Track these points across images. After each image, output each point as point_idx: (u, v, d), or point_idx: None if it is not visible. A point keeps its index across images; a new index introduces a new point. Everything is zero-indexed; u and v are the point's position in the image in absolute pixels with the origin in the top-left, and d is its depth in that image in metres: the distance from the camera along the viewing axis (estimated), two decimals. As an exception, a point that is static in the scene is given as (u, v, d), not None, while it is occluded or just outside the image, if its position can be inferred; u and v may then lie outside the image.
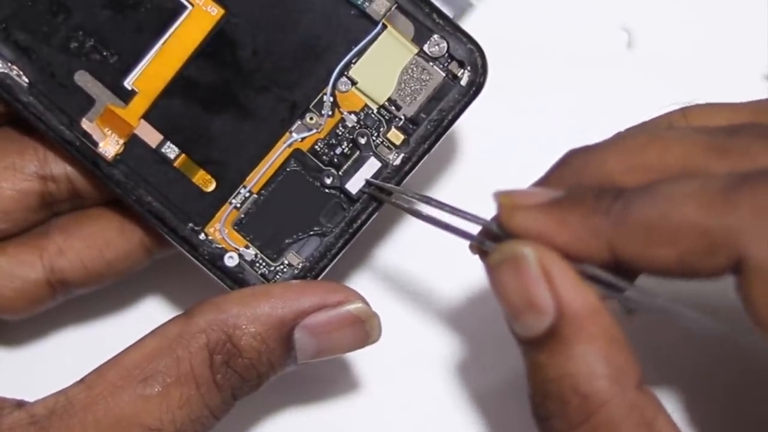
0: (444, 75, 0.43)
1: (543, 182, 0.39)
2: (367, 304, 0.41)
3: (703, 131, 0.37)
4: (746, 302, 0.34)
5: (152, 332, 0.40)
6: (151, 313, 0.48)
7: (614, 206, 0.36)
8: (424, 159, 0.43)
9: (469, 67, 0.43)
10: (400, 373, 0.48)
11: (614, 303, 0.36)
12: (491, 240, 0.38)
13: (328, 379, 0.48)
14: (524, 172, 0.49)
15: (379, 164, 0.43)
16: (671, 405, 0.46)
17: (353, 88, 0.43)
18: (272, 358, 0.40)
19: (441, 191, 0.49)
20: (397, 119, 0.43)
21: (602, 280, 0.36)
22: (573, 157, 0.39)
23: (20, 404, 0.40)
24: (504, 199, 0.37)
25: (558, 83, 0.50)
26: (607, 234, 0.35)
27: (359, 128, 0.43)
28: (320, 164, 0.43)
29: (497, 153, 0.49)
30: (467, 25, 0.50)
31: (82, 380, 0.40)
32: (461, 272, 0.48)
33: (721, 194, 0.34)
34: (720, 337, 0.35)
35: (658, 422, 0.36)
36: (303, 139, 0.43)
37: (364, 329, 0.41)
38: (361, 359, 0.48)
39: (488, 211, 0.48)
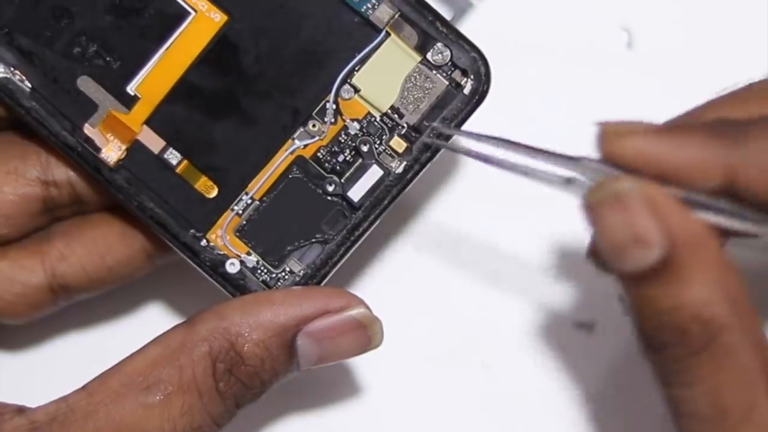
0: (447, 83, 0.43)
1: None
2: (369, 309, 0.41)
3: None
4: None
5: (154, 340, 0.40)
6: (152, 319, 0.48)
7: (739, 132, 0.35)
8: (426, 167, 0.43)
9: (472, 76, 0.43)
10: (400, 375, 0.48)
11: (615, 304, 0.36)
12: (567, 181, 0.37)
13: (329, 383, 0.48)
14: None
15: (381, 172, 0.43)
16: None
17: (356, 96, 0.43)
18: (275, 365, 0.40)
19: (440, 190, 0.49)
20: (399, 127, 0.43)
21: (712, 208, 0.35)
22: (706, 106, 0.38)
23: (21, 410, 0.40)
24: (609, 127, 0.37)
25: (558, 83, 0.50)
26: (729, 159, 0.35)
27: (362, 136, 0.43)
28: (322, 171, 0.43)
29: (497, 153, 0.49)
30: (467, 25, 0.50)
31: (83, 387, 0.40)
32: (462, 271, 0.48)
33: None
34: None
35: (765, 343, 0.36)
36: (305, 146, 0.43)
37: (367, 334, 0.41)
38: (361, 362, 0.48)
39: (489, 209, 0.49)
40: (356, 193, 0.43)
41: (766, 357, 0.35)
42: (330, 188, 0.43)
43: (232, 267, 0.43)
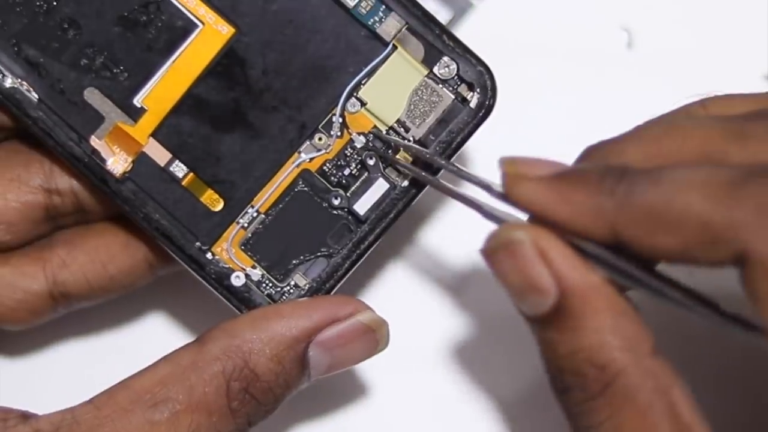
0: (453, 97, 0.43)
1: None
2: (374, 312, 0.41)
3: (721, 119, 0.37)
4: (750, 297, 0.34)
5: (164, 358, 0.40)
6: (153, 327, 0.48)
7: (618, 187, 0.35)
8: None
9: (478, 90, 0.43)
10: (404, 376, 0.48)
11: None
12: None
13: (330, 385, 0.48)
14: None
15: (387, 186, 0.43)
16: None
17: (362, 109, 0.43)
18: (288, 378, 0.40)
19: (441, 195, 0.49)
20: (405, 141, 0.43)
21: (603, 259, 0.36)
22: (592, 150, 0.38)
23: (25, 416, 0.40)
24: (509, 167, 0.37)
25: (558, 83, 0.50)
26: (609, 215, 0.35)
27: (368, 149, 0.43)
28: (328, 185, 0.43)
29: (497, 153, 0.49)
30: (467, 25, 0.50)
31: (90, 401, 0.40)
32: (463, 273, 0.48)
33: (727, 187, 0.34)
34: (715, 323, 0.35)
35: (674, 391, 0.36)
36: (311, 159, 0.43)
37: (375, 338, 0.41)
38: (362, 364, 0.48)
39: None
40: (362, 206, 0.43)
41: (672, 400, 0.35)
42: (336, 202, 0.43)
43: (237, 280, 0.43)
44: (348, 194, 0.43)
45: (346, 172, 0.43)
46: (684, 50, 0.50)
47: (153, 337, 0.48)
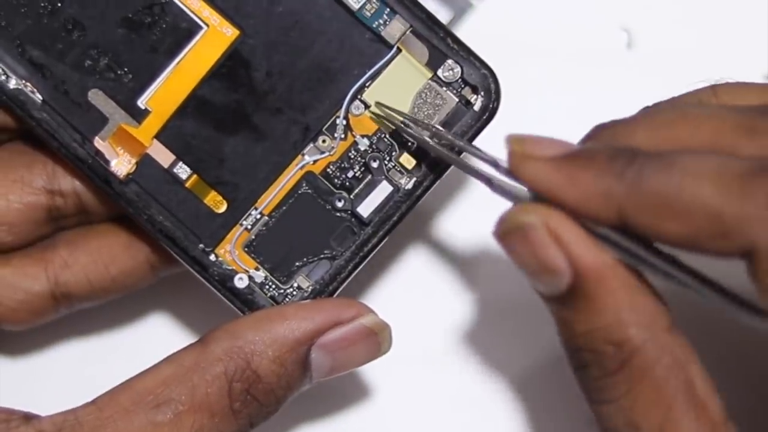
0: (457, 100, 0.43)
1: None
2: (377, 315, 0.41)
3: (733, 110, 0.37)
4: (758, 290, 0.34)
5: (167, 359, 0.40)
6: (154, 328, 0.48)
7: (628, 171, 0.35)
8: (436, 184, 0.43)
9: (482, 93, 0.43)
10: (406, 378, 0.48)
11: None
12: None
13: (331, 387, 0.48)
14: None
15: (390, 188, 0.43)
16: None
17: (366, 112, 0.43)
18: (290, 380, 0.40)
19: (439, 188, 0.49)
20: (409, 143, 0.43)
21: (612, 240, 0.36)
22: (601, 130, 0.38)
23: (28, 417, 0.40)
24: (516, 145, 0.37)
25: (558, 83, 0.50)
26: (618, 198, 0.35)
27: (371, 152, 0.43)
28: (332, 187, 0.43)
29: (496, 153, 0.49)
30: (467, 25, 0.50)
31: (93, 402, 0.40)
32: (464, 275, 0.48)
33: (739, 179, 0.34)
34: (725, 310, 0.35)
35: (691, 368, 0.36)
36: (315, 161, 0.43)
37: (377, 341, 0.41)
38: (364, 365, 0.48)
39: (490, 215, 0.49)
40: (365, 209, 0.43)
41: (688, 376, 0.36)
42: (339, 204, 0.43)
43: (241, 282, 0.43)
44: (351, 196, 0.43)
45: (350, 174, 0.43)
46: (684, 50, 0.50)
47: (155, 338, 0.48)
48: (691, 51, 0.50)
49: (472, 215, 0.49)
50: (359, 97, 0.43)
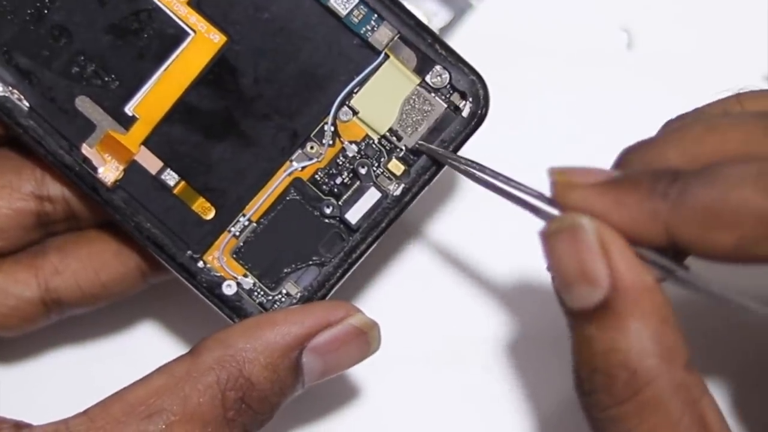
0: (446, 106, 0.43)
1: None
2: (365, 314, 0.41)
3: (760, 115, 0.37)
4: None
5: (158, 369, 0.40)
6: (145, 335, 0.48)
7: (672, 189, 0.35)
8: (424, 190, 0.43)
9: (470, 99, 0.43)
10: (400, 379, 0.48)
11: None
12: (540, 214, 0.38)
13: (330, 388, 0.48)
14: (524, 172, 0.49)
15: (379, 194, 0.43)
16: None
17: (354, 118, 0.43)
18: (283, 386, 0.40)
19: (440, 188, 0.49)
20: (398, 150, 0.43)
21: (656, 264, 0.36)
22: (630, 154, 0.38)
23: (19, 426, 0.40)
24: (559, 176, 0.37)
25: (558, 83, 0.50)
26: (664, 217, 0.35)
27: (360, 158, 0.43)
28: (320, 194, 0.43)
29: (496, 153, 0.49)
30: (467, 25, 0.49)
31: (84, 412, 0.40)
32: (462, 276, 0.48)
33: None
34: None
35: (703, 403, 0.36)
36: (303, 168, 0.43)
37: (366, 340, 0.41)
38: (362, 366, 0.48)
39: (489, 216, 0.49)
40: (354, 215, 0.43)
41: (702, 417, 0.36)
42: (327, 210, 0.43)
43: (229, 289, 0.43)
44: (340, 203, 0.43)
45: (338, 180, 0.43)
46: (684, 51, 0.50)
47: (146, 346, 0.48)
48: (690, 51, 0.50)
49: (466, 218, 0.49)
50: (347, 103, 0.43)
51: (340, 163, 0.43)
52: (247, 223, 0.43)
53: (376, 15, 0.43)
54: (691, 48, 0.50)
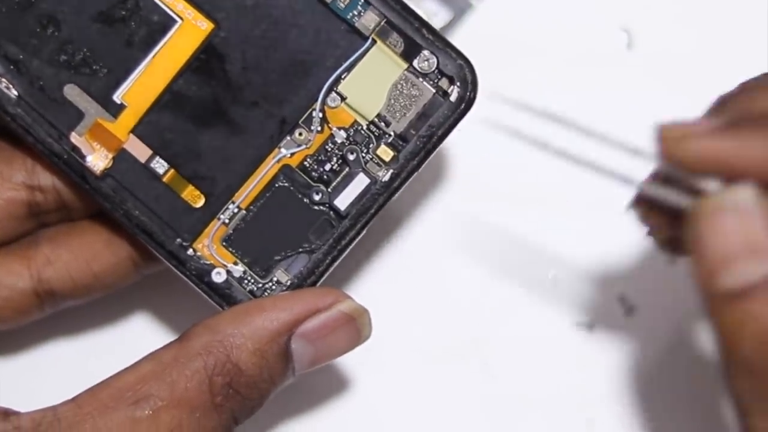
0: (434, 91, 0.43)
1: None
2: (355, 301, 0.41)
3: None
4: None
5: (147, 356, 0.40)
6: (138, 327, 0.48)
7: None
8: (413, 176, 0.43)
9: (458, 83, 0.42)
10: (399, 376, 0.48)
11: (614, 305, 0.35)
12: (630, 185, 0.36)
13: (328, 386, 0.48)
14: (524, 172, 0.49)
15: (368, 180, 0.43)
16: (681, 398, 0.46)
17: (343, 104, 0.43)
18: (272, 372, 0.40)
19: (441, 188, 0.49)
20: (386, 135, 0.43)
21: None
22: (728, 99, 0.37)
23: (7, 413, 0.40)
24: (667, 131, 0.35)
25: (558, 83, 0.49)
26: None
27: (348, 144, 0.43)
28: (309, 180, 0.43)
29: (496, 153, 0.49)
30: (467, 25, 0.49)
31: (73, 399, 0.40)
32: (460, 272, 0.48)
33: None
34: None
35: None
36: (292, 155, 0.43)
37: (356, 327, 0.41)
38: (360, 363, 0.48)
39: (488, 209, 0.49)
40: (343, 201, 0.43)
41: None
42: (317, 197, 0.43)
43: (219, 276, 0.43)
44: (329, 189, 0.43)
45: (327, 167, 0.43)
46: (684, 51, 0.49)
47: (139, 337, 0.48)
48: (691, 51, 0.49)
49: (463, 204, 0.49)
50: (335, 89, 0.43)
51: (329, 149, 0.43)
52: (236, 210, 0.43)
53: (362, 0, 0.42)
54: (691, 48, 0.49)
